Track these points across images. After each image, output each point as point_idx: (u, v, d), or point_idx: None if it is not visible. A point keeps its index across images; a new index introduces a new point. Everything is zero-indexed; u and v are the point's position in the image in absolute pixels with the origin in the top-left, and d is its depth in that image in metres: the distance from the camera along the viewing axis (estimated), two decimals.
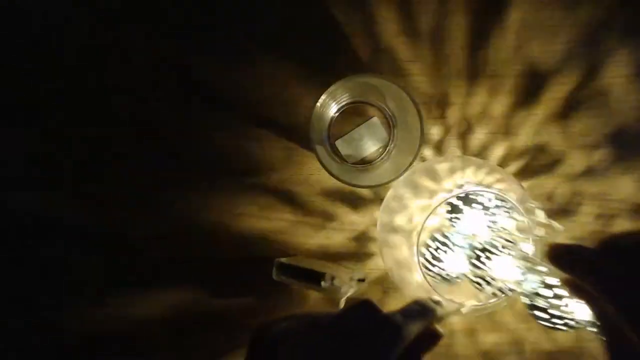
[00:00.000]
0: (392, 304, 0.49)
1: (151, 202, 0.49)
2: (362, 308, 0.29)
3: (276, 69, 0.49)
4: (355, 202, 0.49)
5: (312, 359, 0.27)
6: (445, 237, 0.41)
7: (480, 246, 0.39)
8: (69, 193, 0.49)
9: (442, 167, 0.43)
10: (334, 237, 0.49)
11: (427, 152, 0.50)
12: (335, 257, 0.49)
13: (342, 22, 0.48)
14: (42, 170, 0.49)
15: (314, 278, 0.42)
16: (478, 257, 0.38)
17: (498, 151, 0.49)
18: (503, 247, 0.38)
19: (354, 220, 0.49)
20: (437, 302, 0.34)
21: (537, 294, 0.34)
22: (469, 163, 0.43)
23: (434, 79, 0.49)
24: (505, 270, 0.37)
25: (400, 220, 0.44)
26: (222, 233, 0.49)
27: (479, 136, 0.49)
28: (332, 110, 0.48)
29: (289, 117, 0.49)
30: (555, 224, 0.37)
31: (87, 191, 0.49)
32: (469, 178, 0.42)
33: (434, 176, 0.43)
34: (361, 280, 0.46)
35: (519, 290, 0.36)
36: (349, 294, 0.44)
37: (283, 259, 0.45)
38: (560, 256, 0.29)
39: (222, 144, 0.49)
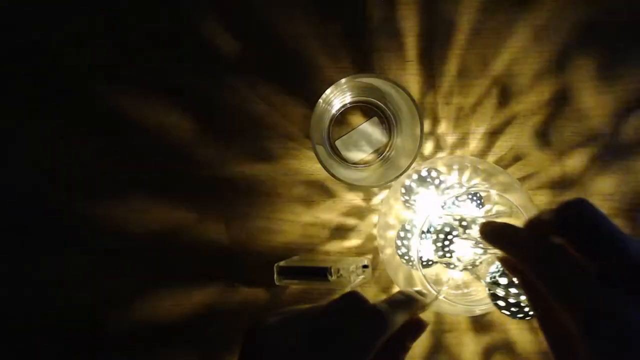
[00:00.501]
0: None
1: (151, 203, 0.49)
2: (348, 299, 0.30)
3: (276, 69, 0.49)
4: (354, 201, 0.49)
5: (300, 350, 0.27)
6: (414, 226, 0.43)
7: (439, 228, 0.40)
8: (69, 193, 0.49)
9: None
10: (335, 236, 0.49)
11: (426, 151, 0.50)
12: (337, 254, 0.49)
13: (342, 22, 0.49)
14: (41, 170, 0.50)
15: (319, 274, 0.42)
16: (442, 239, 0.40)
17: (494, 149, 0.49)
18: (458, 229, 0.39)
19: (353, 219, 0.49)
20: (420, 292, 0.36)
21: (496, 283, 0.35)
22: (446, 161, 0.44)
23: (434, 79, 0.49)
24: (467, 250, 0.39)
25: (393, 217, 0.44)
26: (222, 233, 0.49)
27: (476, 135, 0.49)
28: (333, 110, 0.48)
29: (289, 117, 0.49)
30: (520, 209, 0.38)
31: (87, 192, 0.49)
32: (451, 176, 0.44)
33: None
34: (365, 267, 0.46)
35: (481, 271, 0.37)
36: (356, 282, 0.44)
37: (282, 263, 0.44)
38: (493, 233, 0.29)
39: (222, 144, 0.49)
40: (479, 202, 0.42)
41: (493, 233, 0.30)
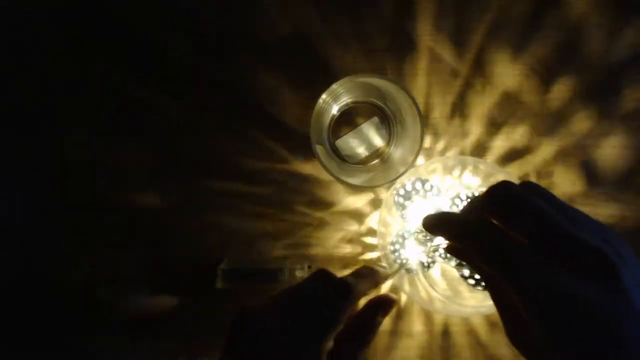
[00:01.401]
0: None
1: (150, 204, 0.49)
2: (320, 275, 0.33)
3: (276, 69, 0.49)
4: (354, 202, 0.49)
5: (284, 321, 0.30)
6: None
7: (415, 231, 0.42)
8: (69, 193, 0.50)
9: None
10: (332, 236, 0.49)
11: (425, 151, 0.50)
12: (326, 256, 0.50)
13: (342, 22, 0.49)
14: (41, 171, 0.50)
15: (270, 276, 0.44)
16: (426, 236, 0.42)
17: (496, 149, 0.49)
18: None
19: (352, 220, 0.49)
20: (382, 266, 0.40)
21: (461, 264, 0.38)
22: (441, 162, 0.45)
23: (434, 79, 0.49)
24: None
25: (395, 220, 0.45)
26: (220, 234, 0.49)
27: (476, 136, 0.49)
28: (332, 110, 0.48)
29: (288, 118, 0.49)
30: None
31: (87, 193, 0.49)
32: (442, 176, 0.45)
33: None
34: (309, 267, 0.48)
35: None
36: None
37: (224, 266, 0.45)
38: (433, 223, 0.32)
39: (222, 144, 0.49)
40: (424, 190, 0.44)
41: (430, 223, 0.32)
